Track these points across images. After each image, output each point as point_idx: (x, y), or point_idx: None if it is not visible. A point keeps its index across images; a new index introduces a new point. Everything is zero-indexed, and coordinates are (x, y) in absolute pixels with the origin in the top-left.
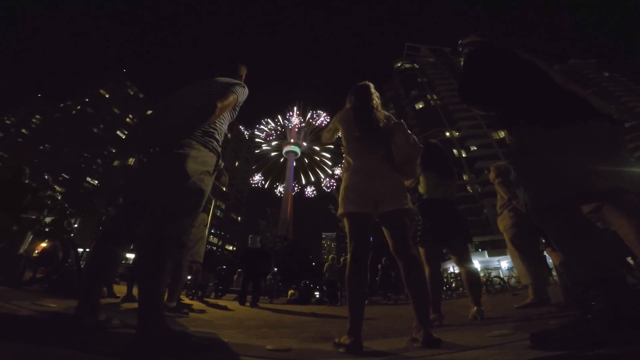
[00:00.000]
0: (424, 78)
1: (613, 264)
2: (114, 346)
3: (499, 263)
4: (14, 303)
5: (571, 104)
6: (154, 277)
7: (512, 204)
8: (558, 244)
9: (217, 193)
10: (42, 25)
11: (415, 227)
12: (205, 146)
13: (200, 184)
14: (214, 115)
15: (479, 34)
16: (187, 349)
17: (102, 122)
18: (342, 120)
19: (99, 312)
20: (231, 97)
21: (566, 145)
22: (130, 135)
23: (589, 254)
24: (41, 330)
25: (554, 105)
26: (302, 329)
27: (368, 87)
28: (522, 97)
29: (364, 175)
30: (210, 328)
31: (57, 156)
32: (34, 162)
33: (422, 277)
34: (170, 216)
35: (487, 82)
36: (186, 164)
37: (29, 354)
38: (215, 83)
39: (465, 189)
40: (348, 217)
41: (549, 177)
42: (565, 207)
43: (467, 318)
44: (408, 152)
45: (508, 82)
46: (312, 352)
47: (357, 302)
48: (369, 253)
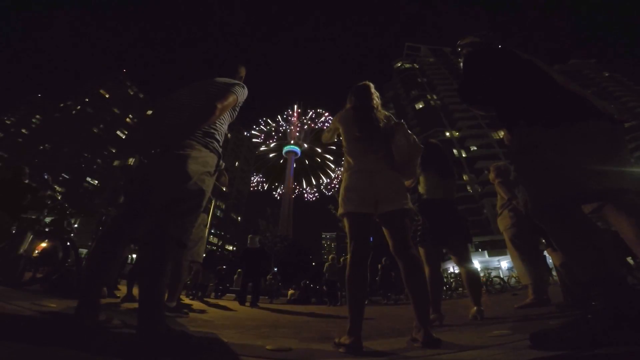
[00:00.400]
0: (424, 78)
1: (613, 264)
2: (114, 346)
3: (499, 263)
4: (14, 303)
5: (571, 104)
6: (154, 277)
7: (512, 204)
8: (558, 244)
9: (217, 193)
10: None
11: (415, 227)
12: (206, 147)
13: (201, 184)
14: (214, 116)
15: (477, 35)
16: (187, 349)
17: (102, 122)
18: (342, 120)
19: (99, 312)
20: (231, 97)
21: (566, 145)
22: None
23: (589, 254)
24: (41, 330)
25: (554, 105)
26: (302, 329)
27: (368, 87)
28: (522, 96)
29: (364, 175)
30: (210, 328)
31: (57, 156)
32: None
33: (422, 277)
34: (171, 217)
35: (487, 82)
36: (187, 164)
37: (29, 354)
38: (214, 83)
39: (465, 189)
40: (348, 217)
41: (548, 177)
42: (565, 207)
43: (467, 318)
44: (408, 152)
45: (507, 82)
46: (312, 352)
47: (357, 302)
48: (369, 253)
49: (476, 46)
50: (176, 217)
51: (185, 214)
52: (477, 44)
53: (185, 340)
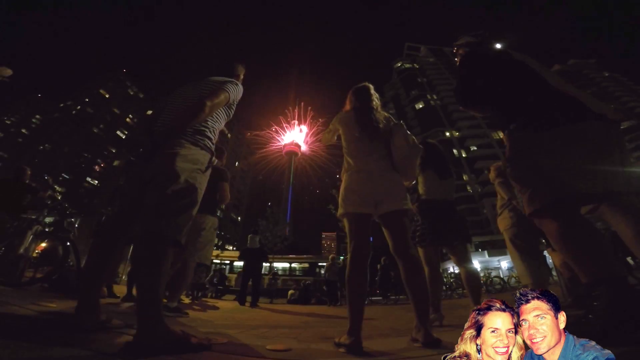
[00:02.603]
0: (424, 78)
1: (614, 265)
2: (114, 346)
3: (499, 263)
4: (14, 303)
5: (562, 106)
6: (151, 277)
7: (512, 204)
8: (557, 245)
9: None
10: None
11: (414, 228)
12: (195, 144)
13: (193, 181)
14: (203, 113)
15: (473, 34)
16: (187, 349)
17: (102, 122)
18: (342, 121)
19: (99, 312)
20: (222, 95)
21: (558, 148)
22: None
23: (589, 255)
24: (41, 330)
25: (544, 108)
26: (302, 329)
27: (368, 88)
28: (514, 100)
29: (363, 176)
30: (210, 328)
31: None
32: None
33: (422, 277)
34: (163, 215)
35: (481, 85)
36: (175, 162)
37: (29, 354)
38: (207, 82)
39: (465, 189)
40: (348, 217)
41: (540, 181)
42: (563, 209)
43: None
44: (407, 153)
45: (500, 85)
46: (312, 352)
47: (357, 302)
48: (369, 253)
49: (472, 46)
50: (169, 216)
51: (177, 212)
52: (472, 44)
53: (186, 340)
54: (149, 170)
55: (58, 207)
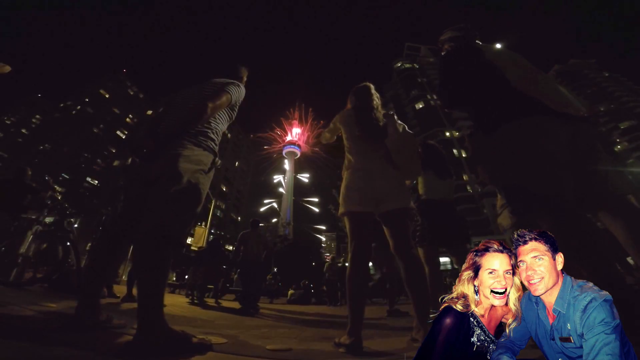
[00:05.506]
0: (424, 78)
1: (613, 265)
2: (114, 346)
3: None
4: (14, 303)
5: (508, 105)
6: (153, 277)
7: None
8: None
9: (217, 193)
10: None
11: (414, 227)
12: (198, 145)
13: (195, 182)
14: (205, 114)
15: (456, 28)
16: (187, 349)
17: (102, 122)
18: (342, 120)
19: (99, 312)
20: (224, 96)
21: (501, 151)
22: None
23: (588, 255)
24: (41, 330)
25: (493, 110)
26: (302, 329)
27: (368, 88)
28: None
29: (364, 174)
30: (210, 328)
31: (57, 156)
32: (34, 162)
33: (422, 277)
34: (167, 216)
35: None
36: (178, 163)
37: (29, 354)
38: (209, 84)
39: (465, 189)
40: (349, 216)
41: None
42: (560, 209)
43: None
44: (400, 142)
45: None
46: (312, 352)
47: (358, 303)
48: (369, 253)
49: (455, 41)
50: (172, 216)
51: (180, 212)
52: (455, 38)
53: (186, 340)
54: (152, 171)
55: (58, 207)
